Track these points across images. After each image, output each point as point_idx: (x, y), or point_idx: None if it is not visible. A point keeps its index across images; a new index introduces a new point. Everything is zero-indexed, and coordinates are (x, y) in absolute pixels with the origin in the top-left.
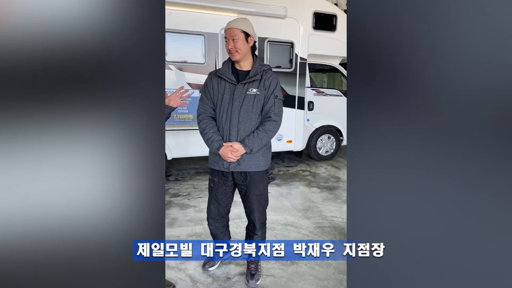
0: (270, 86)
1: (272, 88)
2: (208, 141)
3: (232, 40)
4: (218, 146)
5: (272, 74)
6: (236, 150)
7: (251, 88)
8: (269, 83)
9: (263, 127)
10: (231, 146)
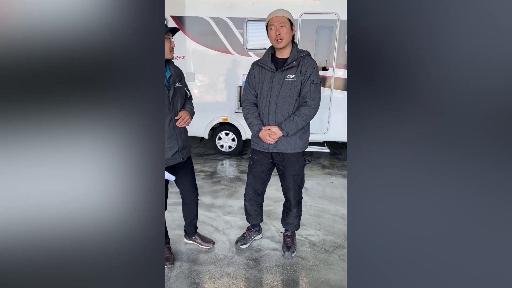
0: (307, 71)
1: (309, 73)
2: (250, 125)
3: (280, 27)
4: (258, 129)
5: (309, 59)
6: (274, 133)
7: (289, 75)
8: (305, 69)
9: (299, 111)
10: (269, 129)
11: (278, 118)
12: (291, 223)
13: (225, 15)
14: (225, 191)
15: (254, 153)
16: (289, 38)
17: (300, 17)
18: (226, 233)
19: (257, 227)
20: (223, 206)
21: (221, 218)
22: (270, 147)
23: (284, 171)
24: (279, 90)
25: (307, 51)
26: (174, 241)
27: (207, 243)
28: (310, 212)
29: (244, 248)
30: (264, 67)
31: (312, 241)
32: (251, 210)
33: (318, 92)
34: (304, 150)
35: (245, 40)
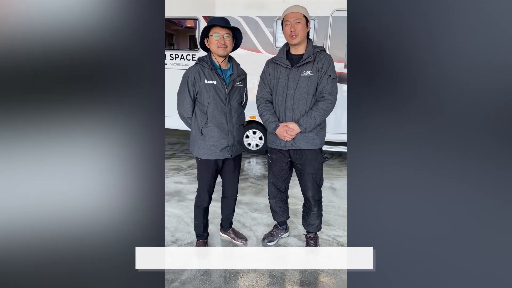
0: (323, 66)
1: (325, 68)
2: (266, 123)
3: (296, 23)
4: (275, 126)
5: (325, 54)
6: (291, 129)
7: (305, 70)
8: (322, 64)
9: (317, 106)
10: (286, 126)
11: (295, 114)
12: (313, 223)
13: (256, 14)
14: (252, 189)
15: (272, 152)
16: (303, 35)
17: (332, 15)
18: (253, 229)
19: (284, 225)
20: (250, 203)
21: (248, 215)
22: (288, 144)
23: (303, 170)
24: (295, 86)
25: (322, 46)
26: (210, 234)
27: (240, 238)
28: (338, 212)
29: (271, 245)
30: (280, 63)
31: (341, 242)
32: (276, 207)
33: (335, 87)
34: (321, 147)
35: (274, 39)
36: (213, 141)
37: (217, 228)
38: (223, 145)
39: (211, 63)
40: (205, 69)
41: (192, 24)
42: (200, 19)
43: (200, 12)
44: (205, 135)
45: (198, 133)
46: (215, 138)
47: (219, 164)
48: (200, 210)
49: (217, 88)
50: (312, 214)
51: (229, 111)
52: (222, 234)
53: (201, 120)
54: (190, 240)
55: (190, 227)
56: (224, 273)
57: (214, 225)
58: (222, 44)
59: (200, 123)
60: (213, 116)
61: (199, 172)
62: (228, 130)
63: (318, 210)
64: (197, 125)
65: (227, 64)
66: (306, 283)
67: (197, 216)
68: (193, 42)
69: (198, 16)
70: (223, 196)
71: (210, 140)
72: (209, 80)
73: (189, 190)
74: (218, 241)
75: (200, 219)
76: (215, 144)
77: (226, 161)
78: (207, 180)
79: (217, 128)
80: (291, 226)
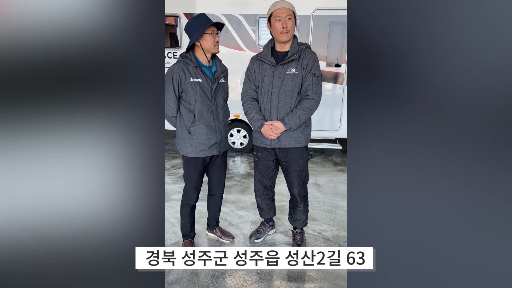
0: (308, 64)
1: (310, 66)
2: (251, 121)
3: (288, 20)
4: (260, 125)
5: (310, 52)
6: (276, 127)
7: (290, 68)
8: (306, 62)
9: (302, 105)
10: (271, 124)
11: (280, 112)
12: (299, 219)
13: (238, 12)
14: (238, 187)
15: (258, 151)
16: (293, 32)
17: (313, 13)
18: (240, 227)
19: (270, 222)
20: (236, 201)
21: (234, 213)
22: (273, 142)
23: (288, 167)
24: (280, 84)
25: (307, 43)
26: (196, 233)
27: (227, 237)
28: (323, 208)
29: (258, 242)
30: (264, 61)
31: (326, 236)
32: (263, 204)
33: (319, 85)
34: (306, 145)
35: (257, 37)
36: (201, 139)
37: (203, 227)
38: (211, 142)
39: (196, 61)
40: (189, 67)
41: (172, 21)
42: (181, 16)
43: (181, 9)
44: (193, 134)
45: (185, 131)
46: (204, 136)
47: (207, 161)
48: (187, 209)
49: (203, 86)
50: (299, 210)
51: (216, 108)
52: (208, 233)
53: (188, 118)
54: (176, 240)
55: (175, 227)
56: (212, 272)
57: (200, 224)
58: (217, 42)
59: (187, 121)
60: (200, 114)
61: (186, 171)
62: (216, 127)
63: (304, 206)
64: (184, 123)
65: (211, 61)
66: (293, 278)
67: (183, 215)
68: (174, 40)
69: (179, 13)
70: (210, 193)
71: (198, 138)
72: (194, 78)
73: (173, 190)
74: (205, 240)
75: (187, 218)
76: (204, 142)
77: (213, 158)
78: (194, 178)
79: (205, 126)
80: (278, 223)
